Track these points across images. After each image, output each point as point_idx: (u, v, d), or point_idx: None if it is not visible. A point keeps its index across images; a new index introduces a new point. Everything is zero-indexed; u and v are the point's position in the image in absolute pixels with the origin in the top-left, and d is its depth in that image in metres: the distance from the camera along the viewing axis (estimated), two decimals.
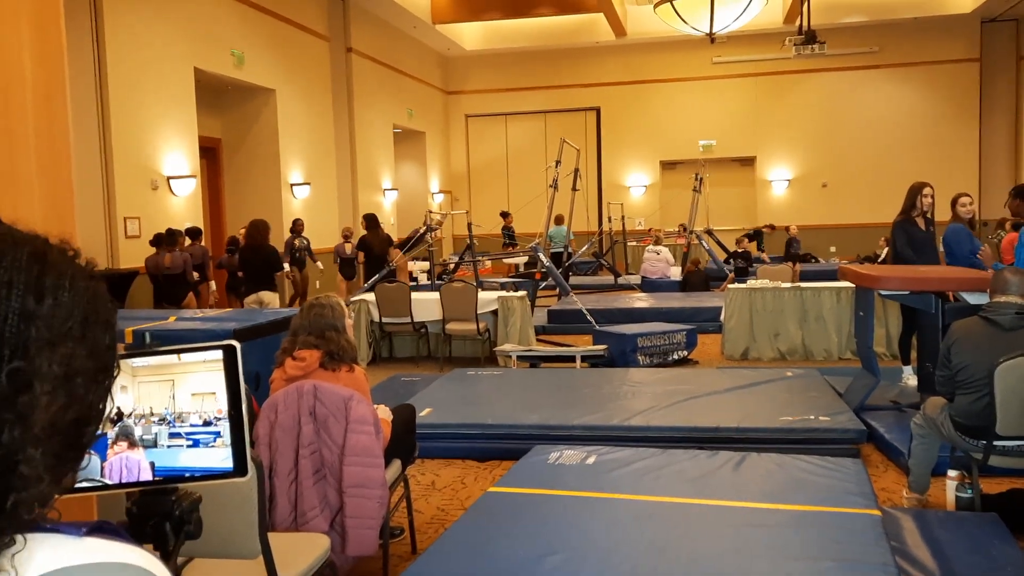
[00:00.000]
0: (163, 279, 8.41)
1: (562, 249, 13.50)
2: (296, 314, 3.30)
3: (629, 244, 17.78)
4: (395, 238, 16.49)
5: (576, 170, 12.22)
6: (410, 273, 12.96)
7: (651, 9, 16.34)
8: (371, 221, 10.41)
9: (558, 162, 10.99)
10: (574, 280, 14.98)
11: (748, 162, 20.13)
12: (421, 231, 10.64)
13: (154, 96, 9.74)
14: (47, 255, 0.68)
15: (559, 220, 14.52)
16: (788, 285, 8.13)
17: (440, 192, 20.00)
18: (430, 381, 6.58)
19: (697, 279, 12.53)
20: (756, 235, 15.52)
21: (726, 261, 14.15)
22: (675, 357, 7.72)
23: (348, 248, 11.55)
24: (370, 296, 8.40)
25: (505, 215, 15.73)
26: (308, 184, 13.21)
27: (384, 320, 8.25)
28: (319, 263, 11.63)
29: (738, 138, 19.52)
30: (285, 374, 3.14)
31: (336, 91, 14.62)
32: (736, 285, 8.39)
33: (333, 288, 13.62)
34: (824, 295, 7.90)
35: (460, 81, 20.80)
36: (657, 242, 14.07)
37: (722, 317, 8.29)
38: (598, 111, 20.48)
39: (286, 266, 10.84)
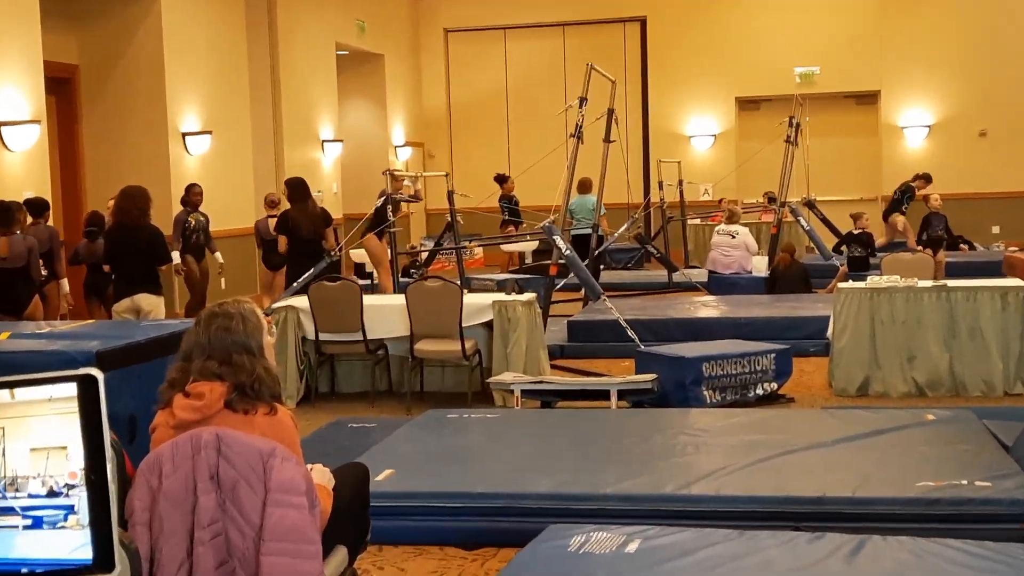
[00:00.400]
0: None
1: (589, 229, 13.52)
2: (190, 328, 3.30)
3: (690, 222, 17.82)
4: (339, 213, 16.62)
5: (610, 112, 12.24)
6: (361, 267, 13.00)
7: None
8: (296, 189, 10.44)
9: (583, 100, 11.01)
10: (608, 277, 15.02)
11: (868, 100, 20.19)
12: (379, 203, 10.66)
13: None
14: None
15: (585, 187, 14.54)
16: (928, 284, 8.13)
17: (407, 145, 20.07)
18: (392, 428, 6.59)
19: (792, 275, 12.53)
20: (903, 196, 15.39)
21: (836, 248, 14.18)
22: (759, 392, 7.73)
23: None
24: (301, 301, 8.42)
25: (503, 179, 15.75)
26: (208, 133, 13.26)
27: (323, 337, 8.27)
28: (218, 254, 11.64)
29: (853, 64, 19.58)
30: (174, 418, 3.14)
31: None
32: (850, 284, 8.39)
33: (250, 287, 13.65)
34: (982, 299, 7.90)
35: None
36: (731, 219, 14.10)
37: (830, 332, 8.29)
38: (643, 23, 20.54)
39: (176, 256, 10.87)
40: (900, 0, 19.42)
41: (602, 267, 15.44)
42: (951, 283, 8.14)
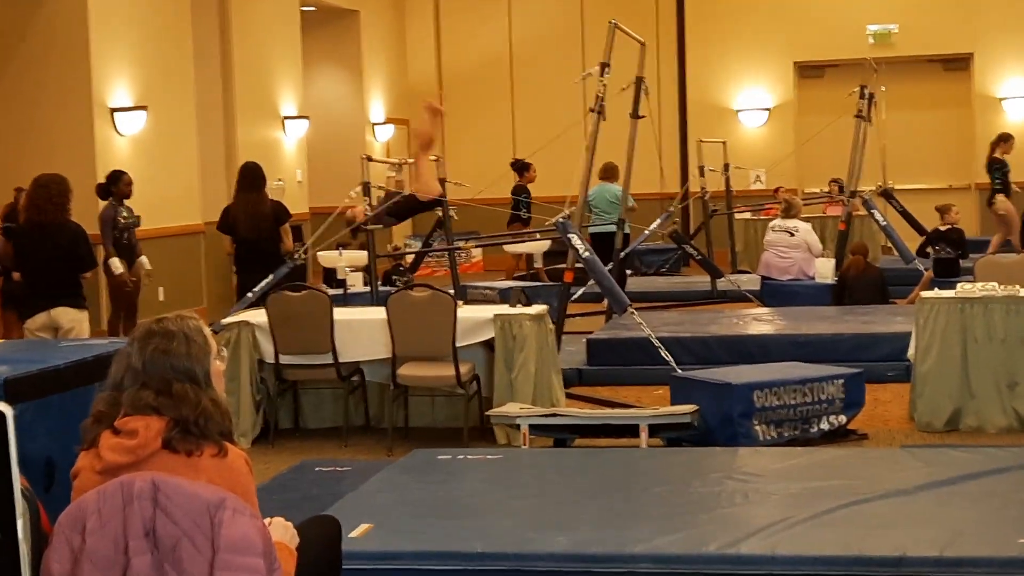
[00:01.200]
0: None
1: (612, 226, 13.52)
2: (121, 350, 3.31)
3: (738, 217, 17.80)
4: (303, 206, 16.64)
5: (639, 81, 12.25)
6: (332, 272, 13.00)
7: None
8: (245, 176, 10.43)
9: (605, 66, 11.02)
10: (637, 284, 15.02)
11: (958, 65, 20.19)
12: (357, 193, 10.66)
13: None
14: None
15: (609, 173, 14.53)
16: None
17: (389, 122, 20.10)
18: (369, 472, 6.58)
19: (865, 282, 12.50)
20: (994, 171, 15.33)
21: (920, 250, 14.16)
22: (824, 427, 7.71)
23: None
24: (257, 316, 8.43)
25: (523, 167, 15.67)
26: (143, 109, 13.29)
27: (284, 360, 8.26)
28: (144, 258, 11.53)
29: (940, 22, 19.60)
30: (100, 461, 3.14)
31: None
32: (936, 293, 8.38)
33: (194, 299, 13.66)
34: None
35: None
36: (789, 213, 14.10)
37: (911, 353, 8.27)
38: None
39: (116, 262, 10.90)
40: None
41: (629, 272, 15.45)
42: None
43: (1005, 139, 15.58)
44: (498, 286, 13.50)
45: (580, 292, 12.13)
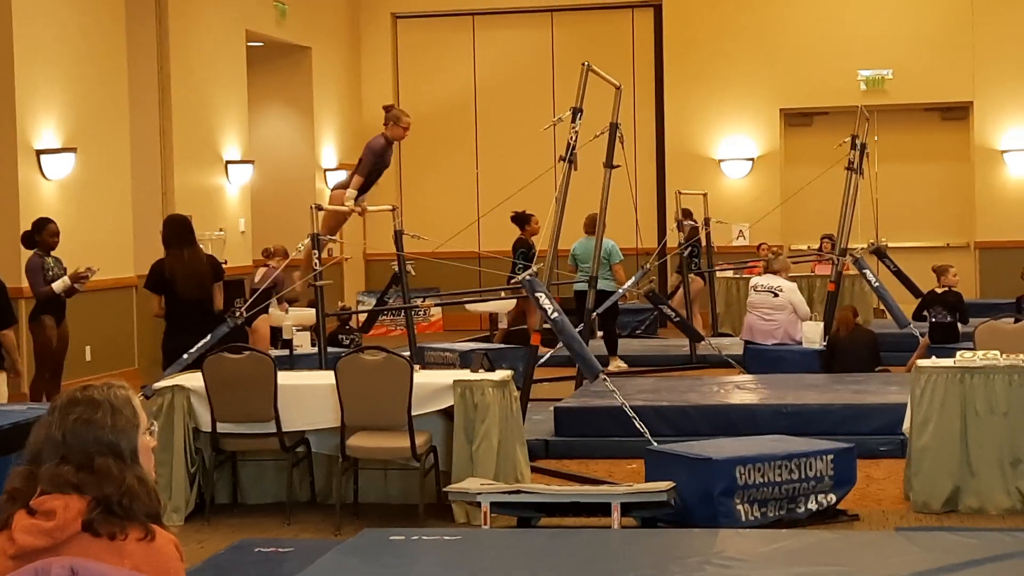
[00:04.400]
0: None
1: (605, 282, 13.65)
2: (41, 419, 3.26)
3: (720, 275, 17.84)
4: (246, 259, 16.59)
5: (614, 127, 12.30)
6: (278, 332, 12.97)
7: None
8: (174, 230, 10.42)
9: (577, 112, 11.07)
10: (605, 347, 15.01)
11: (956, 114, 20.39)
12: (305, 245, 10.64)
13: None
14: None
15: (592, 225, 14.51)
16: None
17: (341, 168, 20.09)
18: (315, 554, 6.52)
19: (855, 345, 12.54)
20: None
21: (917, 315, 14.20)
22: (812, 507, 7.70)
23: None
24: (192, 380, 8.38)
25: (524, 220, 15.47)
26: (72, 151, 13.25)
27: (222, 429, 8.20)
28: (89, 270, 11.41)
29: (936, 68, 19.82)
30: (13, 545, 3.09)
31: None
32: (934, 361, 8.40)
33: (124, 360, 13.54)
34: None
35: None
36: (772, 269, 14.16)
37: (906, 426, 8.28)
38: (658, 10, 20.73)
39: (59, 283, 10.84)
40: None
41: (623, 333, 15.53)
42: None
43: None
44: (458, 348, 13.48)
45: (548, 355, 12.10)
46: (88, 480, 3.11)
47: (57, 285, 10.96)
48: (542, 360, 11.43)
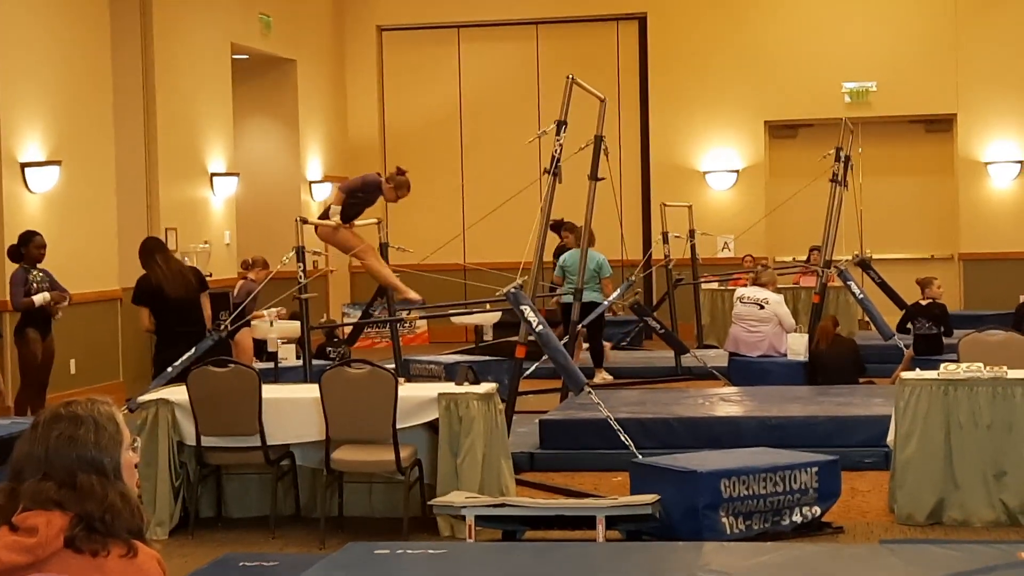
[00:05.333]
0: None
1: (594, 293, 13.68)
2: (24, 434, 3.25)
3: (705, 287, 17.86)
4: (231, 271, 16.56)
5: (599, 140, 12.32)
6: (262, 345, 12.95)
7: None
8: (149, 247, 10.51)
9: (562, 125, 11.08)
10: (591, 360, 15.01)
11: (940, 126, 20.45)
12: (290, 258, 10.64)
13: None
14: None
15: (577, 237, 14.51)
16: (1022, 375, 8.14)
17: (326, 180, 20.08)
18: (299, 568, 6.50)
19: (837, 355, 12.56)
20: None
21: (901, 327, 14.23)
22: (796, 520, 7.70)
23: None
24: (177, 394, 8.37)
25: (565, 228, 15.52)
26: (56, 164, 13.23)
27: (207, 442, 8.19)
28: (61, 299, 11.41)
29: (920, 80, 19.88)
30: None
31: None
32: (918, 374, 8.41)
33: (109, 373, 13.50)
34: None
35: None
36: (759, 282, 14.18)
37: (891, 438, 8.29)
38: (642, 22, 20.78)
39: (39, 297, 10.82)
40: None
41: (610, 345, 15.54)
42: None
43: None
44: (444, 361, 13.49)
45: (533, 367, 12.10)
46: (70, 497, 3.10)
47: (38, 298, 10.94)
48: (527, 372, 11.43)
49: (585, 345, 15.04)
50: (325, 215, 11.28)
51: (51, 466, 3.14)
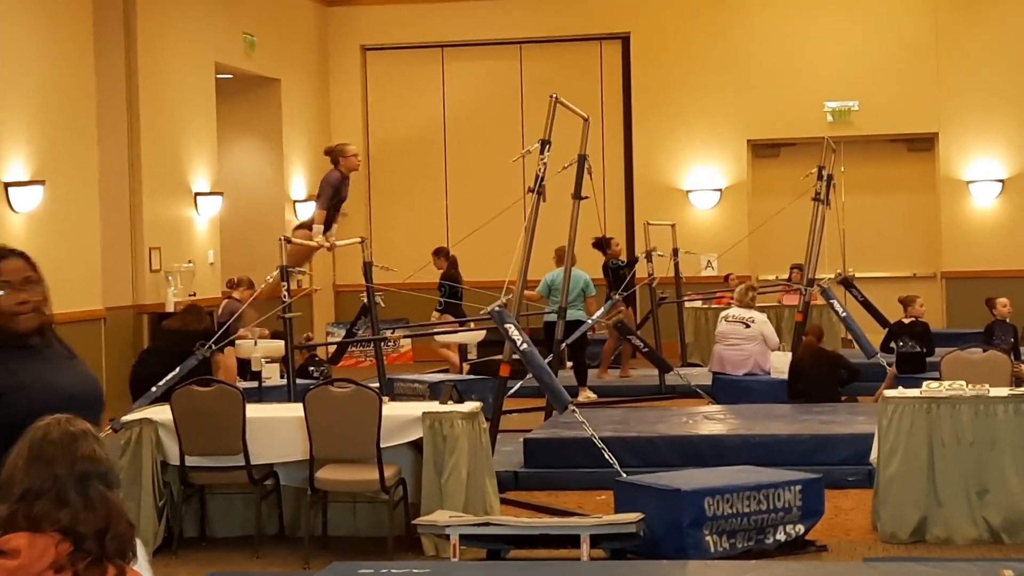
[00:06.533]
0: None
1: (554, 314, 13.62)
2: (7, 457, 3.23)
3: (688, 305, 17.86)
4: (215, 290, 16.54)
5: (582, 159, 12.33)
6: (245, 364, 12.92)
7: None
8: None
9: (546, 144, 11.08)
10: (574, 378, 15.00)
11: (922, 145, 20.51)
12: (274, 277, 10.62)
13: None
14: None
15: (562, 257, 14.48)
16: (1004, 392, 8.17)
17: (310, 199, 20.04)
18: None
19: (819, 371, 12.57)
20: None
21: (884, 346, 14.24)
22: (780, 538, 7.70)
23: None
24: (160, 412, 8.35)
25: (605, 244, 15.73)
26: (40, 184, 13.18)
27: (191, 462, 8.17)
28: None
29: (902, 99, 19.94)
30: None
31: (102, 2, 14.69)
32: (900, 392, 8.43)
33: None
34: None
35: None
36: (744, 302, 14.19)
37: (874, 456, 8.31)
38: (625, 41, 20.82)
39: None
40: (963, 14, 19.84)
41: (593, 364, 15.56)
42: None
43: None
44: (428, 379, 13.46)
45: (518, 385, 12.09)
46: (55, 516, 3.08)
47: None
48: (511, 391, 11.42)
49: (568, 363, 15.06)
50: (303, 229, 11.28)
51: (30, 487, 3.11)
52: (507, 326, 9.70)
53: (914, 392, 8.27)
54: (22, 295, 4.22)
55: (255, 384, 12.29)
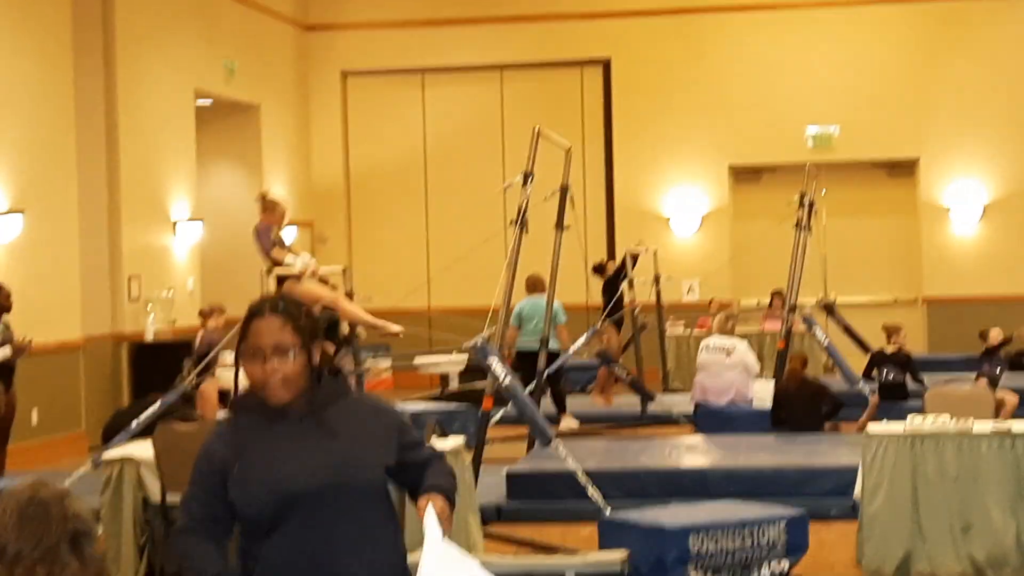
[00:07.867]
0: None
1: (535, 343, 13.60)
2: None
3: (670, 331, 17.86)
4: (193, 318, 16.48)
5: (564, 190, 12.33)
6: (227, 397, 12.87)
7: None
8: None
9: (528, 176, 11.08)
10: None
11: (903, 170, 20.58)
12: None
13: None
14: None
15: (535, 285, 14.43)
16: (988, 427, 8.21)
17: (290, 224, 20.01)
18: None
19: (803, 400, 12.59)
20: None
21: (867, 374, 14.25)
22: (765, 574, 7.71)
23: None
24: (142, 449, 8.30)
25: (603, 269, 16.07)
26: (19, 213, 13.16)
27: (172, 499, 8.05)
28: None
29: (882, 125, 20.02)
30: None
31: (82, 27, 14.68)
32: (885, 427, 8.45)
33: (71, 421, 13.36)
34: None
35: (331, 6, 21.07)
36: (724, 328, 14.19)
37: (857, 491, 8.33)
38: (606, 67, 20.85)
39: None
40: (943, 40, 19.95)
41: (574, 390, 15.58)
42: (1019, 426, 8.21)
43: None
44: (410, 409, 13.40)
45: (500, 413, 12.06)
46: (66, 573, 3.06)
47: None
48: (494, 420, 11.39)
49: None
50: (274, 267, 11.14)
51: (52, 544, 3.09)
52: (491, 359, 9.69)
53: (898, 427, 8.31)
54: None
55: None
